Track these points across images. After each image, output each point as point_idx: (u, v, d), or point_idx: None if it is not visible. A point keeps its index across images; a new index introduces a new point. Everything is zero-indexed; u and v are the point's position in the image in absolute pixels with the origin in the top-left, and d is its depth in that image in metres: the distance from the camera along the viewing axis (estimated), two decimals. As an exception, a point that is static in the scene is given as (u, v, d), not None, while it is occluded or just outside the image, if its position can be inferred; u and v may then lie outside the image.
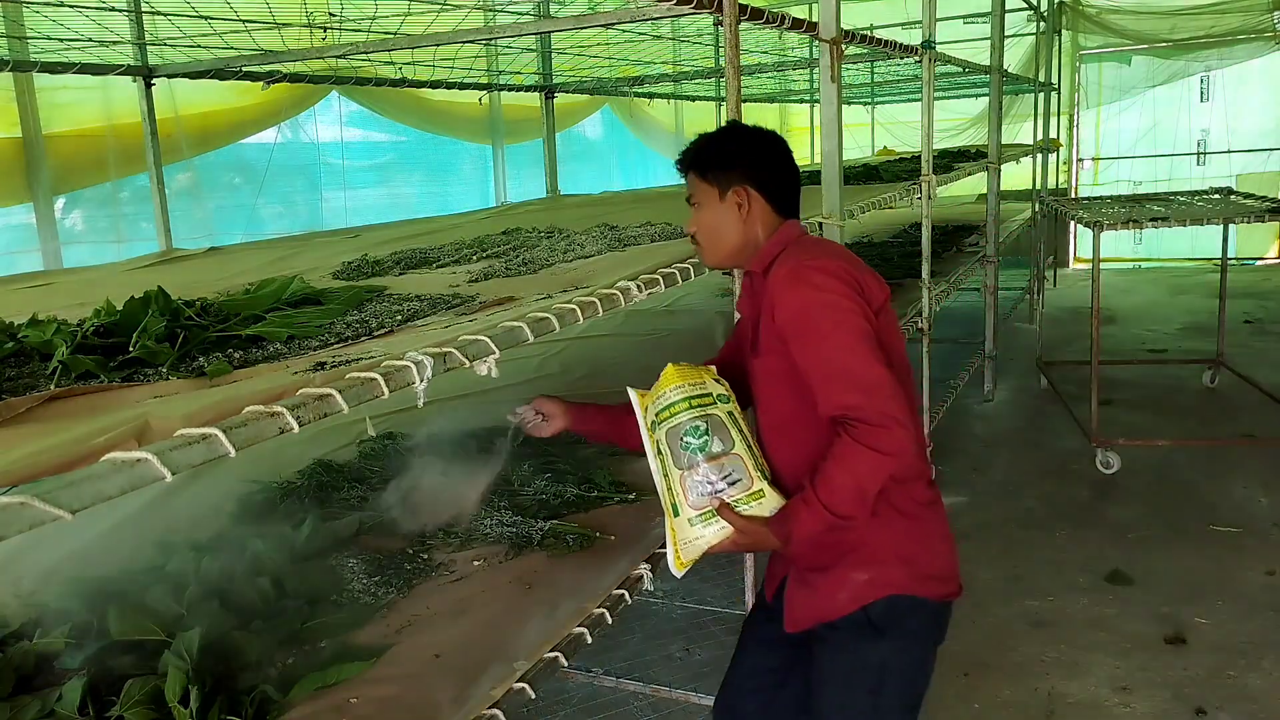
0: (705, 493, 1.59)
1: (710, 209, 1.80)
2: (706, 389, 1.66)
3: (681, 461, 1.60)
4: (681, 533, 1.61)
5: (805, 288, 1.63)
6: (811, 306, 1.62)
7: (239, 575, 2.00)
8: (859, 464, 1.54)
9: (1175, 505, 4.33)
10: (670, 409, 1.62)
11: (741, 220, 1.79)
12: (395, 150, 6.35)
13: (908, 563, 1.70)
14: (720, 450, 1.61)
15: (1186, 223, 4.59)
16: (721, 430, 1.62)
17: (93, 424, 1.08)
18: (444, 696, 1.61)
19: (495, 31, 3.61)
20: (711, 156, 1.82)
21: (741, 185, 1.78)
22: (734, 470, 1.61)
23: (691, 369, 1.68)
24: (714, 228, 1.80)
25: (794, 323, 1.62)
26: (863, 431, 1.53)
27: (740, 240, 1.80)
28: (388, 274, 2.45)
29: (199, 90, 4.37)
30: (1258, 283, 9.35)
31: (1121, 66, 10.41)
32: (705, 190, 1.80)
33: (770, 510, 1.62)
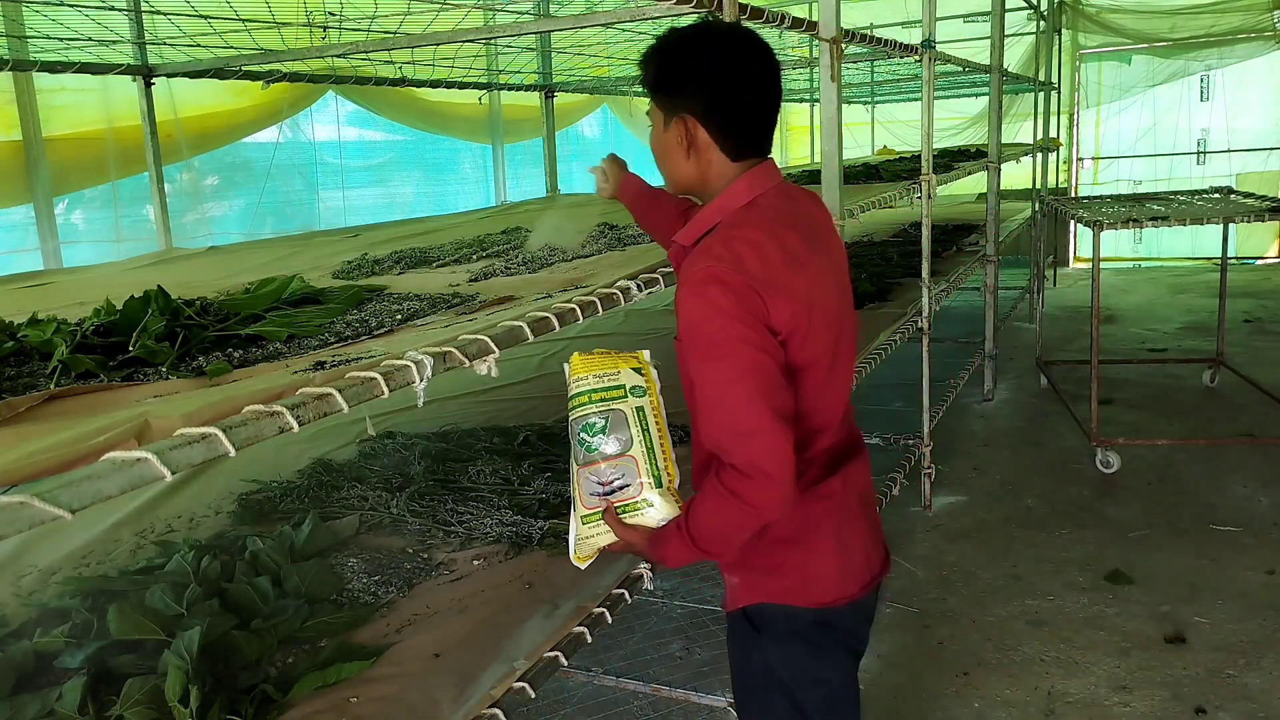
0: (594, 493, 1.50)
1: (656, 131, 1.55)
2: (619, 380, 1.50)
3: (578, 456, 1.51)
4: (575, 528, 1.54)
5: (701, 301, 1.39)
6: (702, 324, 1.40)
7: (239, 575, 2.00)
8: (724, 510, 1.41)
9: (1175, 505, 4.33)
10: (575, 399, 1.50)
11: (685, 157, 1.52)
12: (394, 150, 6.34)
13: (775, 573, 1.57)
14: (614, 451, 1.48)
15: (1186, 222, 4.58)
16: (621, 428, 1.48)
17: (92, 423, 1.08)
18: (444, 696, 1.61)
19: (495, 31, 3.62)
20: (661, 69, 1.52)
21: (686, 115, 1.49)
22: (624, 474, 1.49)
23: (606, 358, 1.51)
24: (661, 155, 1.56)
25: (686, 334, 1.43)
26: (730, 477, 1.38)
27: (689, 179, 1.55)
28: (387, 273, 2.45)
29: (198, 90, 4.37)
30: (1258, 282, 9.34)
31: (1121, 66, 10.40)
32: (654, 109, 1.55)
33: (658, 521, 1.51)
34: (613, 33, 5.40)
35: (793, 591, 1.58)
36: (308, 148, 5.55)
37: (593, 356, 1.51)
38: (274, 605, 1.89)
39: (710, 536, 1.46)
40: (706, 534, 1.46)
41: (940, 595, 3.60)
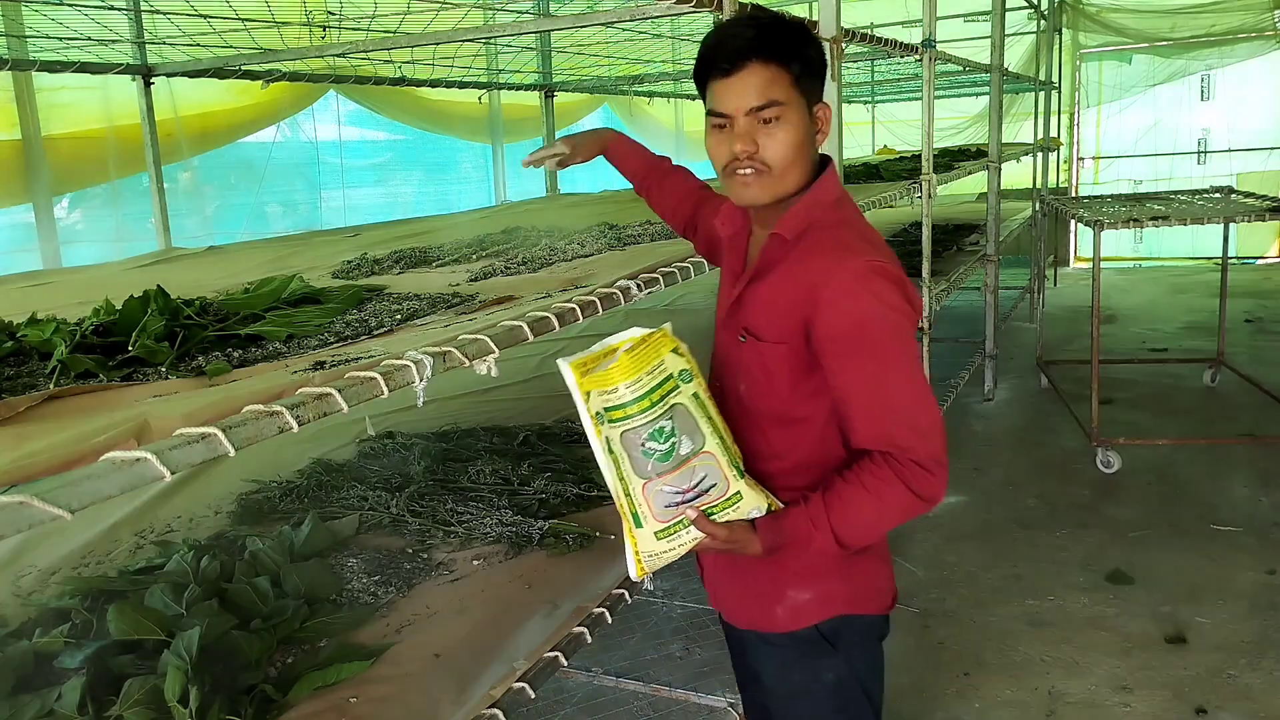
0: (673, 503, 1.34)
1: (798, 125, 1.40)
2: (665, 370, 1.32)
3: (643, 470, 1.32)
4: (644, 544, 1.37)
5: (869, 299, 1.35)
6: (873, 326, 1.36)
7: (238, 575, 2.00)
8: (894, 504, 1.36)
9: (1175, 504, 4.33)
10: (624, 409, 1.30)
11: (815, 146, 1.45)
12: (394, 149, 6.35)
13: (851, 578, 1.53)
14: (690, 451, 1.33)
15: (1187, 222, 4.58)
16: (689, 424, 1.33)
17: (92, 423, 1.08)
18: (444, 696, 1.61)
19: (494, 30, 3.61)
20: (811, 53, 1.41)
21: (822, 102, 1.44)
22: (707, 474, 1.35)
23: (646, 349, 1.32)
24: (795, 152, 1.41)
25: (846, 339, 1.36)
26: (911, 472, 1.35)
27: (807, 175, 1.45)
28: (387, 273, 2.45)
29: (198, 89, 4.37)
30: (1258, 282, 9.34)
31: (1122, 65, 10.40)
32: (793, 97, 1.39)
33: (749, 511, 1.40)
34: (613, 32, 5.40)
35: (870, 599, 1.57)
36: (308, 147, 5.55)
37: (635, 356, 1.31)
38: (274, 605, 1.88)
39: (864, 532, 1.41)
40: (861, 529, 1.39)
41: (941, 595, 3.60)
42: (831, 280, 1.36)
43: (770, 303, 1.45)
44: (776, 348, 1.43)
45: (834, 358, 1.38)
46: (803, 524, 1.38)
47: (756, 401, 1.48)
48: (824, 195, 1.46)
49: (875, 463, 1.37)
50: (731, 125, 1.41)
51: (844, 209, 1.48)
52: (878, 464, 1.37)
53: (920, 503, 1.37)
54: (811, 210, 1.44)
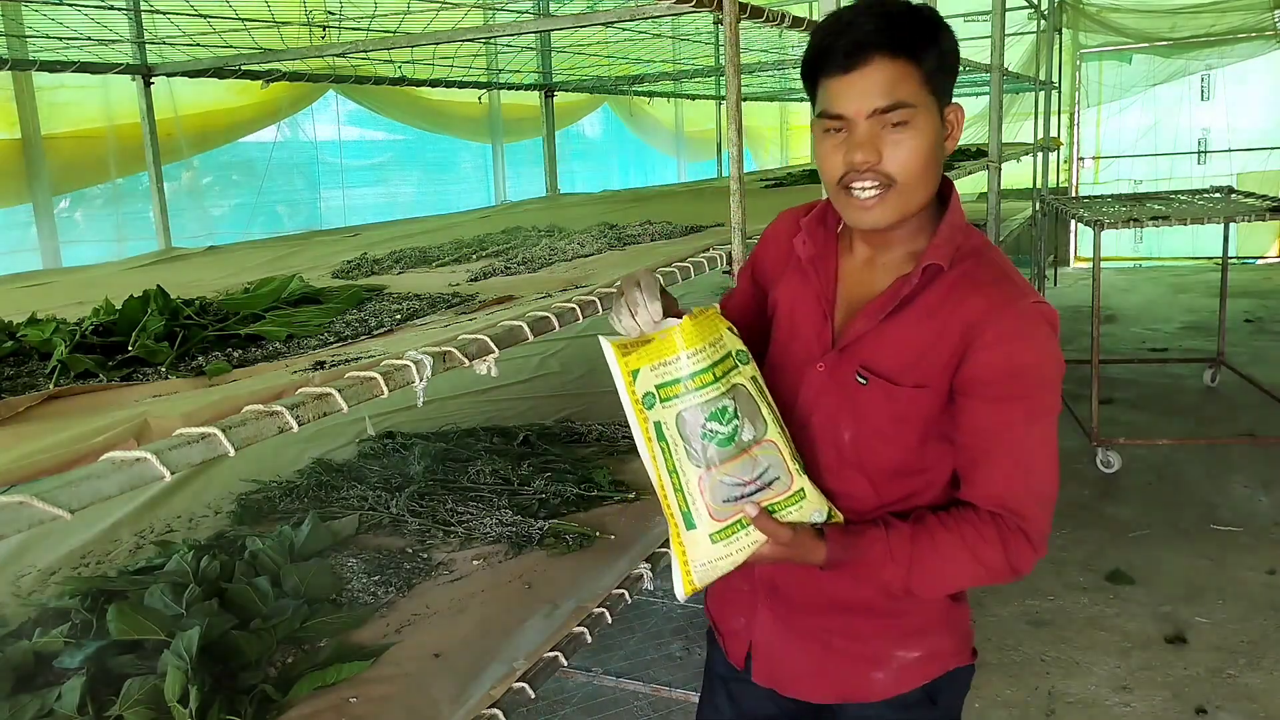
0: (733, 497, 1.16)
1: (929, 131, 1.21)
2: (725, 346, 1.18)
3: (702, 456, 1.15)
4: (697, 551, 1.17)
5: (1035, 345, 1.22)
6: (1032, 374, 1.22)
7: (238, 575, 2.00)
8: (985, 566, 1.23)
9: (1175, 504, 4.33)
10: (682, 385, 1.13)
11: (943, 158, 1.26)
12: (394, 149, 6.34)
13: (955, 629, 1.41)
14: (752, 438, 1.16)
15: (1187, 221, 4.58)
16: (750, 407, 1.17)
17: (92, 423, 1.08)
18: (444, 696, 1.61)
19: (494, 30, 3.61)
20: (946, 45, 1.23)
21: (953, 102, 1.26)
22: (770, 465, 1.18)
23: (705, 320, 1.18)
24: (926, 162, 1.22)
25: (1001, 384, 1.21)
26: (1015, 542, 1.23)
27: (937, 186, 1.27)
28: (387, 273, 2.45)
29: (198, 89, 4.37)
30: (1258, 281, 9.34)
31: (1122, 65, 10.40)
32: (924, 99, 1.20)
33: (811, 513, 1.23)
34: (613, 32, 5.40)
35: (968, 647, 1.44)
36: (307, 147, 5.54)
37: (699, 319, 1.17)
38: (273, 605, 1.88)
39: (942, 585, 1.27)
40: (941, 581, 1.26)
41: (940, 595, 3.60)
42: (998, 319, 1.20)
43: (911, 341, 1.25)
44: (916, 392, 1.25)
45: (981, 401, 1.22)
46: (878, 549, 1.24)
47: (872, 452, 1.29)
48: (960, 218, 1.29)
49: (981, 519, 1.24)
50: (850, 130, 1.21)
51: (979, 236, 1.32)
52: (984, 521, 1.23)
53: (1009, 574, 1.24)
54: (956, 235, 1.27)
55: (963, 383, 1.23)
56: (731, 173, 2.17)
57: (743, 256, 2.21)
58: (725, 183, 2.34)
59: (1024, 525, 1.23)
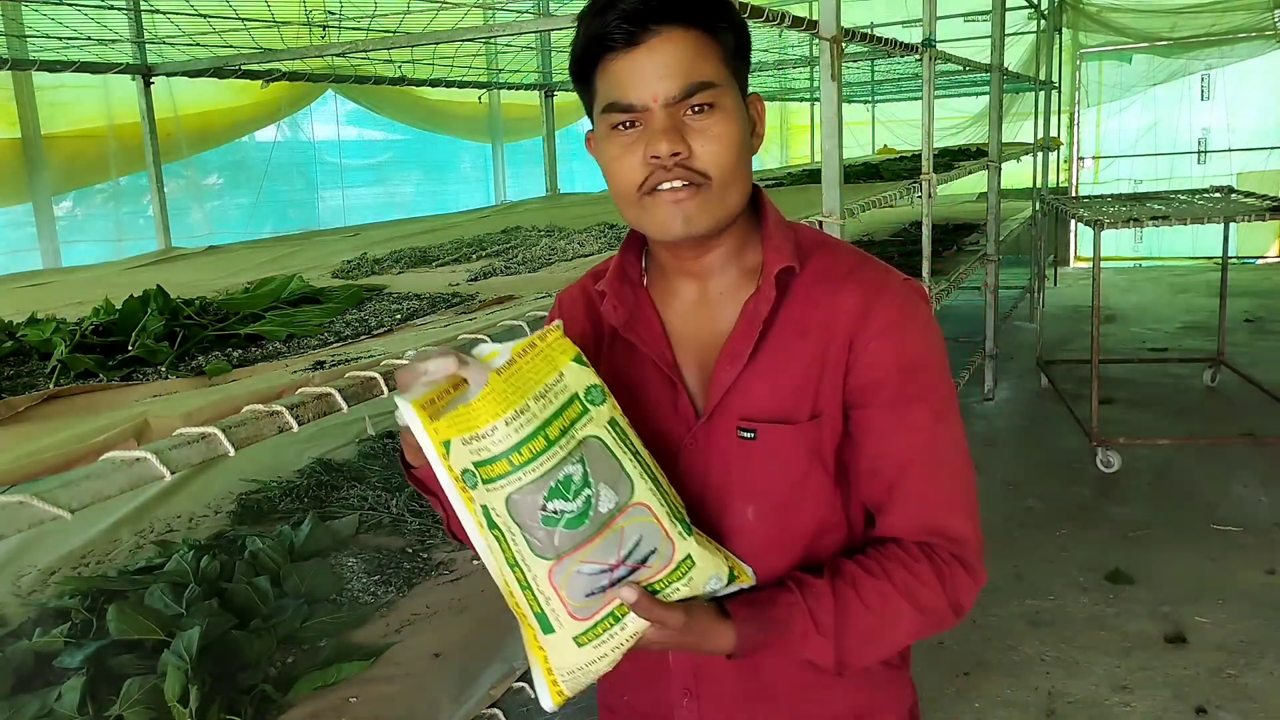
0: (598, 588, 0.89)
1: (738, 118, 1.00)
2: (566, 389, 0.88)
3: (549, 545, 0.87)
4: (560, 658, 0.92)
5: (916, 329, 1.04)
6: (924, 363, 1.04)
7: (238, 574, 2.00)
8: (925, 616, 1.01)
9: (1176, 504, 4.33)
10: (504, 461, 0.84)
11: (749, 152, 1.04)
12: (393, 149, 6.35)
13: (907, 681, 1.20)
14: (614, 507, 0.88)
15: (1187, 221, 4.58)
16: (608, 467, 0.89)
17: (92, 423, 1.08)
18: (444, 696, 1.61)
19: (494, 30, 3.61)
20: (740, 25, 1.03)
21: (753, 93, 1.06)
22: (643, 536, 0.90)
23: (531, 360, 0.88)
24: (740, 155, 1.01)
25: (894, 384, 1.02)
26: (954, 574, 1.01)
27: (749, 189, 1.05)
28: (387, 273, 2.45)
29: (198, 89, 4.37)
30: (1258, 281, 9.34)
31: (1122, 65, 10.40)
32: (727, 79, 1.00)
33: (706, 582, 0.94)
34: (613, 32, 5.40)
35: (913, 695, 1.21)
36: (307, 147, 5.55)
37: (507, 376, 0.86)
38: (274, 605, 1.89)
39: (880, 647, 1.03)
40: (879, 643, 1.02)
41: (940, 595, 3.60)
42: (877, 310, 1.02)
43: (789, 368, 1.03)
44: (815, 425, 1.03)
45: (879, 410, 1.02)
46: (799, 621, 0.97)
47: (785, 517, 1.05)
48: (781, 216, 1.10)
49: (911, 555, 1.01)
50: (645, 122, 0.98)
51: (812, 229, 1.15)
52: (915, 556, 1.01)
53: (953, 617, 1.03)
54: (787, 232, 1.08)
55: (854, 392, 1.02)
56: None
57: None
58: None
59: (958, 550, 1.03)
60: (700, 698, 1.11)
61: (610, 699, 1.23)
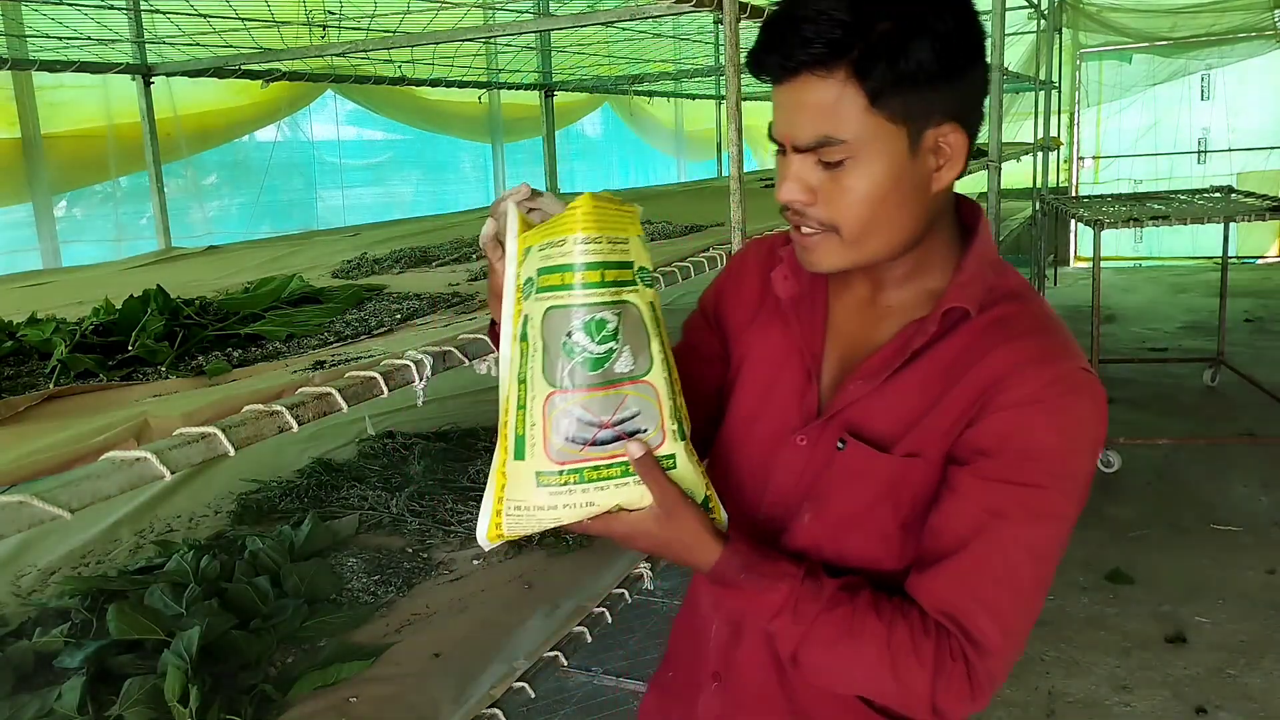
0: (580, 439, 0.87)
1: (881, 173, 0.91)
2: (627, 252, 0.91)
3: (557, 374, 0.87)
4: (516, 489, 0.90)
5: (1079, 422, 0.93)
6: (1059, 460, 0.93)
7: (238, 574, 2.00)
8: (898, 687, 0.93)
9: (1175, 504, 4.33)
10: (564, 274, 0.88)
11: (930, 188, 0.95)
12: (393, 149, 6.34)
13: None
14: (627, 371, 0.88)
15: (1187, 221, 4.58)
16: (637, 336, 0.89)
17: (92, 423, 1.08)
18: (444, 695, 1.61)
19: (494, 30, 3.61)
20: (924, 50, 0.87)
21: (949, 122, 0.93)
22: (640, 412, 0.89)
23: (613, 211, 0.91)
24: (884, 205, 0.93)
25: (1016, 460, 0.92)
26: (951, 676, 0.92)
27: (913, 234, 0.97)
28: (387, 273, 2.45)
29: (198, 89, 4.37)
30: (1258, 281, 9.34)
31: (1122, 65, 10.40)
32: (870, 129, 0.90)
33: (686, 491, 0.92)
34: (613, 31, 5.40)
35: None
36: (307, 147, 5.54)
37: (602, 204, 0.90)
38: (274, 605, 1.88)
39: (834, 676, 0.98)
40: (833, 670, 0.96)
41: (940, 595, 3.60)
42: (1026, 378, 0.93)
43: (913, 400, 0.98)
44: (906, 463, 0.97)
45: (973, 476, 0.93)
46: (780, 591, 0.94)
47: (836, 535, 1.01)
48: (990, 251, 1.02)
49: (924, 628, 0.93)
50: (782, 157, 0.95)
51: (1018, 277, 1.03)
52: (926, 632, 0.93)
53: (926, 710, 0.94)
54: (986, 273, 1.00)
55: (961, 448, 0.95)
56: (731, 172, 2.16)
57: (743, 256, 2.20)
58: (725, 183, 2.34)
59: (972, 656, 0.92)
60: (726, 684, 1.10)
61: (660, 677, 1.25)
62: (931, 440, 0.96)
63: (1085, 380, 0.94)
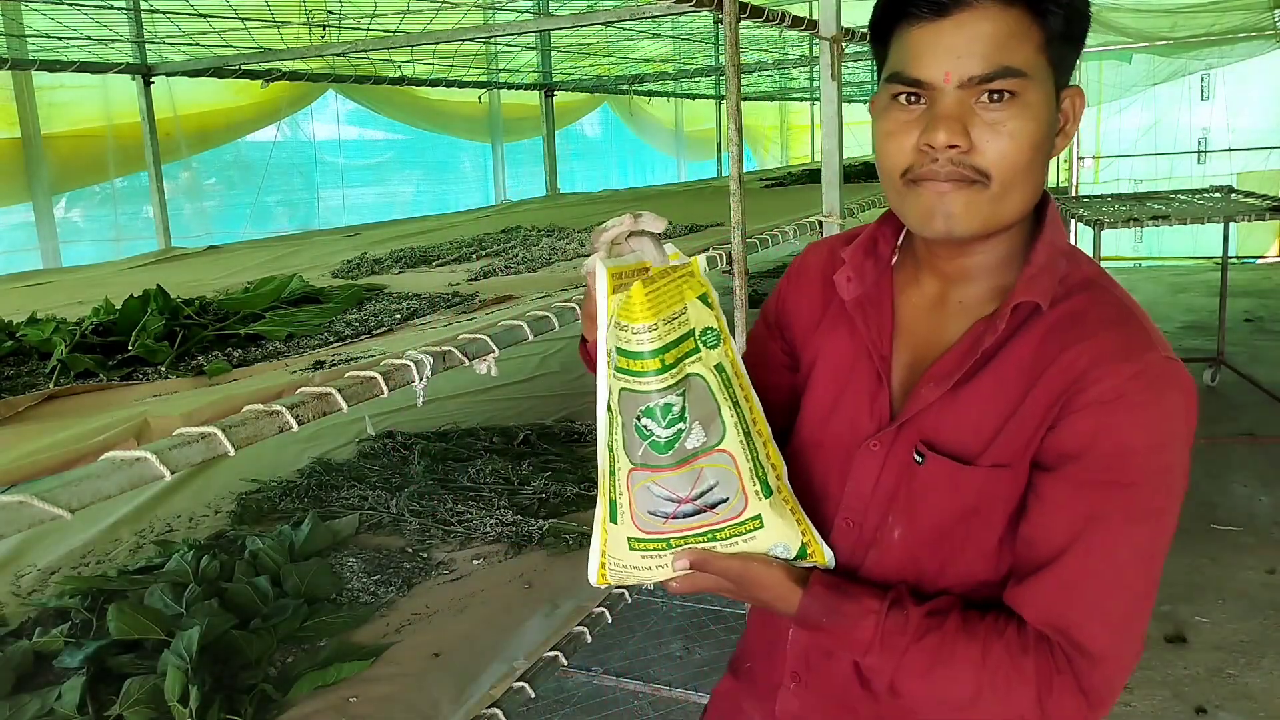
0: (661, 513, 0.91)
1: (1041, 117, 0.90)
2: (687, 323, 0.91)
3: (634, 452, 0.90)
4: (614, 547, 0.95)
5: (1163, 419, 0.91)
6: (1148, 458, 0.91)
7: (238, 574, 2.00)
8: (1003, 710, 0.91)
9: (1175, 504, 4.33)
10: (627, 359, 0.89)
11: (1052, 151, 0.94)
12: (393, 149, 6.34)
13: None
14: (699, 445, 0.89)
15: (1187, 221, 4.58)
16: (705, 407, 0.90)
17: (92, 423, 1.08)
18: (444, 696, 1.61)
19: (494, 30, 3.61)
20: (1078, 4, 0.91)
21: (1073, 86, 0.95)
22: (718, 483, 0.91)
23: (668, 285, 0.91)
24: (1031, 157, 0.90)
25: (1108, 461, 0.89)
26: (1060, 689, 0.89)
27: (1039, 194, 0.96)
28: (387, 272, 2.45)
29: (198, 89, 4.37)
30: (1258, 281, 9.34)
31: (1122, 64, 10.40)
32: (1041, 70, 0.89)
33: (771, 546, 0.94)
34: (613, 31, 5.40)
35: None
36: (307, 146, 5.55)
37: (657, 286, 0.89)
38: (273, 605, 1.88)
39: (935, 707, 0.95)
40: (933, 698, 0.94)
41: (940, 595, 3.60)
42: (1108, 375, 0.89)
43: (991, 406, 0.94)
44: (994, 474, 0.94)
45: (1064, 482, 0.91)
46: (866, 628, 0.93)
47: (930, 551, 0.98)
48: (1061, 239, 0.98)
49: (1024, 641, 0.90)
50: (931, 102, 0.90)
51: (1091, 264, 1.00)
52: (1026, 646, 0.90)
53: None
54: (1058, 263, 0.96)
55: (1046, 453, 0.92)
56: (731, 172, 2.16)
57: (743, 256, 2.21)
58: (725, 182, 2.34)
59: (1080, 665, 0.89)
60: (806, 685, 1.09)
61: (737, 664, 1.25)
62: (1016, 449, 0.93)
63: (1170, 370, 0.91)
